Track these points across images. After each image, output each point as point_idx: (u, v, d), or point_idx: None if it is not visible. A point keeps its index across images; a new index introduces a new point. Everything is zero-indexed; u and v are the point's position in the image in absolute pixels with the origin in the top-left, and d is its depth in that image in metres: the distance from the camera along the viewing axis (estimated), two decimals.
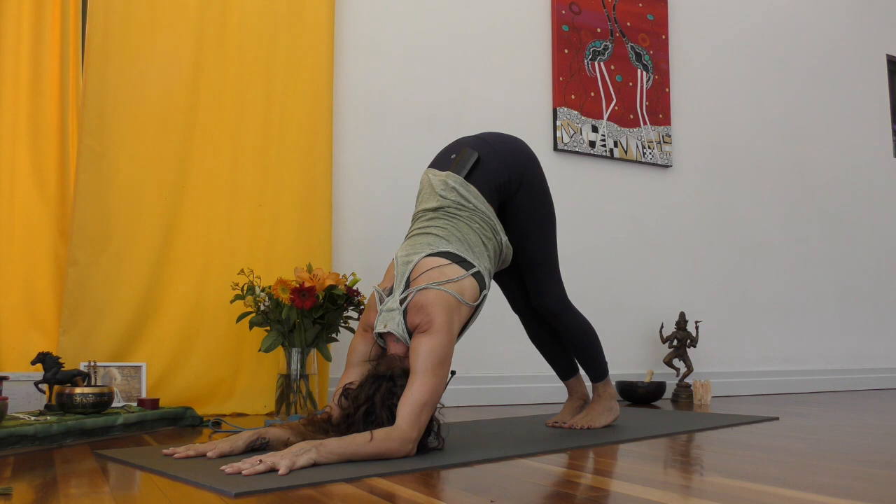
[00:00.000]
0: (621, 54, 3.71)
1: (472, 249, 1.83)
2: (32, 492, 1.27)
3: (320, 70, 2.92)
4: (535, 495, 1.22)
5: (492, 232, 1.90)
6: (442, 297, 1.68)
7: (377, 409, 1.59)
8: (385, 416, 1.58)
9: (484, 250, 1.86)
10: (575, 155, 3.57)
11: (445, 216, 1.88)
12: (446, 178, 1.91)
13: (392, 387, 1.61)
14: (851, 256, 4.47)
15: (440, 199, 1.89)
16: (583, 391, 2.34)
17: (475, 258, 1.82)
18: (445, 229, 1.85)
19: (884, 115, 4.75)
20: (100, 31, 2.60)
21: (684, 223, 3.87)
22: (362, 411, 1.59)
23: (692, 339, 3.54)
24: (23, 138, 2.57)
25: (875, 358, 4.46)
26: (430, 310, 1.66)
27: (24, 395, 2.38)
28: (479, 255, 1.84)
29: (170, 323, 2.62)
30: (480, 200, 1.89)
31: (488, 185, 1.93)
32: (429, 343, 1.62)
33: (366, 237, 3.01)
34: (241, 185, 2.77)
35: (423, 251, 1.79)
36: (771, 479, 1.36)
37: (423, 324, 1.65)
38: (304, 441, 1.48)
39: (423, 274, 1.73)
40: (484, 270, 1.82)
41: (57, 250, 2.58)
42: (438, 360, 1.61)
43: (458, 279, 1.73)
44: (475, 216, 1.88)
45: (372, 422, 1.58)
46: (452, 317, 1.68)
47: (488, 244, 1.88)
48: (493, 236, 1.90)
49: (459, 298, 1.71)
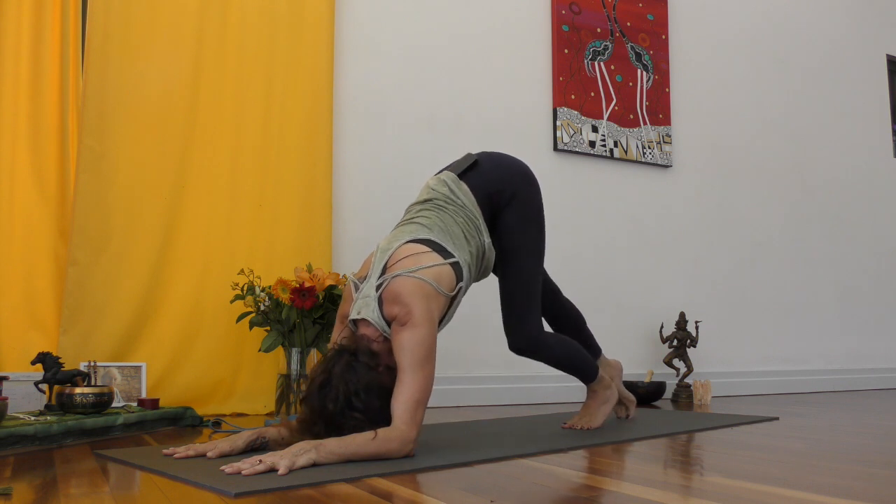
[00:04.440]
0: (621, 54, 3.71)
1: (454, 241, 1.83)
2: (32, 492, 1.27)
3: (320, 70, 2.92)
4: (535, 495, 1.22)
5: (475, 231, 1.90)
6: (417, 285, 1.67)
7: (333, 382, 1.55)
8: (341, 389, 1.54)
9: (466, 245, 1.86)
10: (575, 155, 3.57)
11: (432, 207, 1.91)
12: (442, 175, 1.97)
13: (353, 361, 1.58)
14: (851, 256, 4.46)
15: (430, 192, 1.94)
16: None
17: (455, 249, 1.81)
18: (430, 219, 1.86)
19: (884, 115, 4.75)
20: (100, 31, 2.60)
21: (684, 223, 3.87)
22: (318, 382, 1.56)
23: (692, 339, 3.54)
24: (23, 138, 2.57)
25: (875, 358, 4.45)
26: (407, 299, 1.64)
27: (24, 395, 2.38)
28: (461, 247, 1.84)
29: (170, 323, 2.62)
30: (469, 199, 1.92)
31: (480, 189, 1.95)
32: (413, 337, 1.60)
33: (366, 237, 3.01)
34: (241, 185, 2.77)
35: (404, 238, 1.80)
36: (771, 479, 1.36)
37: (402, 315, 1.63)
38: (303, 441, 1.48)
39: (400, 261, 1.72)
40: (463, 263, 1.81)
41: (57, 250, 2.58)
42: (425, 355, 1.60)
43: (433, 265, 1.72)
44: (461, 212, 1.90)
45: (326, 395, 1.54)
46: (431, 306, 1.66)
47: (471, 241, 1.88)
48: (477, 235, 1.90)
49: (435, 286, 1.70)
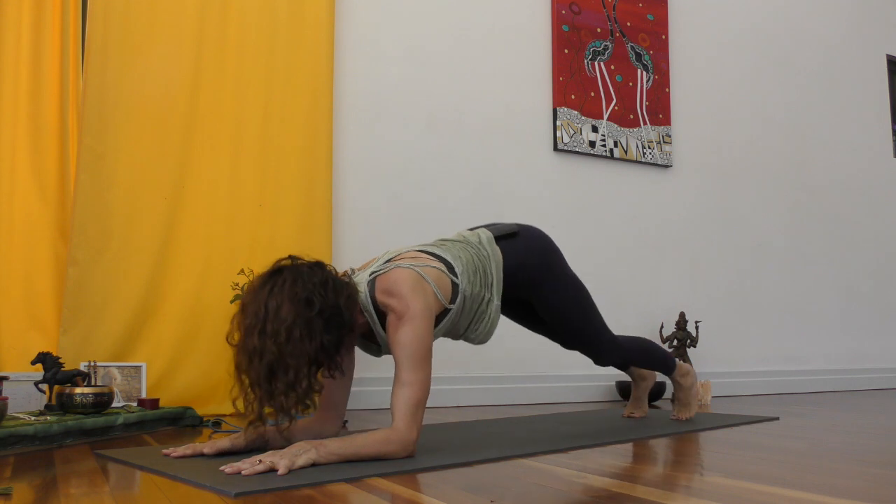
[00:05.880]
0: (621, 54, 3.71)
1: (465, 268, 1.76)
2: (32, 492, 1.27)
3: (320, 70, 2.92)
4: (535, 495, 1.22)
5: (484, 283, 1.80)
6: (416, 278, 1.63)
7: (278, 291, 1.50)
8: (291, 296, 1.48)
9: (470, 278, 1.76)
10: (575, 155, 3.57)
11: (456, 241, 1.85)
12: (479, 229, 1.91)
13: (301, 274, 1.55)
14: (852, 256, 4.46)
15: (459, 235, 1.88)
16: (640, 373, 2.50)
17: (461, 275, 1.74)
18: (447, 246, 1.81)
19: (884, 115, 4.74)
20: (100, 31, 2.60)
21: (684, 223, 3.87)
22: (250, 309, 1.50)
23: (692, 339, 3.54)
24: (23, 138, 2.57)
25: (875, 358, 4.45)
26: (401, 288, 1.59)
27: (24, 395, 2.38)
28: (465, 275, 1.74)
29: (170, 323, 2.61)
30: (497, 259, 1.83)
31: (512, 257, 1.87)
32: (412, 333, 1.56)
33: (366, 237, 3.01)
34: (241, 185, 2.77)
35: (414, 246, 1.80)
36: (771, 479, 1.36)
37: (398, 308, 1.58)
38: (303, 441, 1.47)
39: (403, 258, 1.71)
40: (461, 289, 1.73)
41: (57, 250, 2.58)
42: (424, 353, 1.57)
43: (436, 268, 1.69)
44: (482, 261, 1.81)
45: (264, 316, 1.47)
46: (429, 302, 1.61)
47: (476, 284, 1.78)
48: (482, 288, 1.79)
49: (434, 287, 1.65)
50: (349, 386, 1.78)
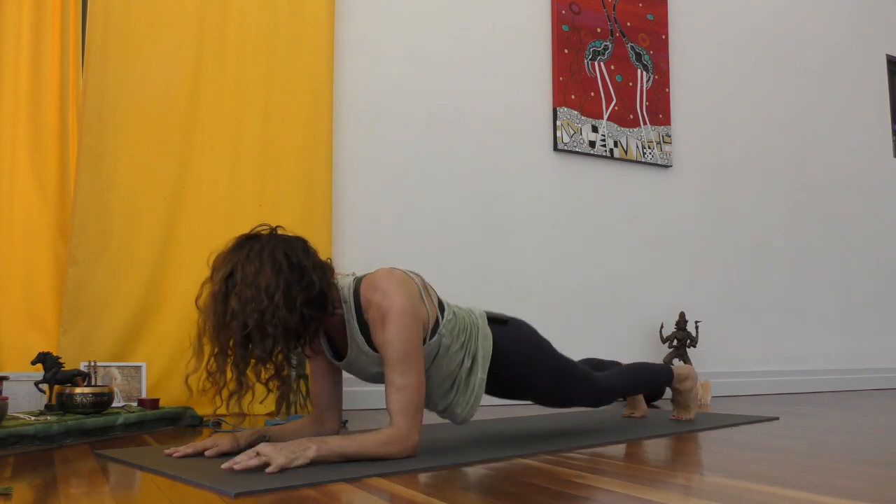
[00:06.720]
0: (621, 54, 3.71)
1: (454, 322, 1.68)
2: (32, 492, 1.27)
3: (320, 70, 2.92)
4: (535, 495, 1.22)
5: (466, 350, 1.71)
6: (404, 279, 1.56)
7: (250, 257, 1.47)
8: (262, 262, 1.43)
9: (453, 331, 1.67)
10: (575, 155, 3.57)
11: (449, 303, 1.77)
12: (472, 307, 1.83)
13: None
14: (852, 256, 4.46)
15: (453, 304, 1.78)
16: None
17: (445, 323, 1.65)
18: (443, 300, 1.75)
19: (884, 115, 4.74)
20: (100, 31, 2.60)
21: (684, 223, 3.87)
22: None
23: (692, 339, 3.54)
24: (23, 138, 2.57)
25: (875, 358, 4.45)
26: (386, 285, 1.52)
27: (24, 395, 2.38)
28: (449, 325, 1.66)
29: (170, 323, 2.61)
30: (486, 334, 1.74)
31: (498, 340, 1.77)
32: (400, 330, 1.49)
33: (366, 237, 3.01)
34: (241, 185, 2.77)
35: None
36: (771, 479, 1.36)
37: (384, 304, 1.50)
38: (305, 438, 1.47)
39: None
40: (440, 331, 1.64)
41: (57, 250, 2.58)
42: (414, 352, 1.52)
43: (426, 283, 1.64)
44: (469, 328, 1.72)
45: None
46: (415, 303, 1.54)
47: (457, 338, 1.68)
48: (462, 351, 1.70)
49: (422, 293, 1.59)
50: (340, 382, 1.76)
